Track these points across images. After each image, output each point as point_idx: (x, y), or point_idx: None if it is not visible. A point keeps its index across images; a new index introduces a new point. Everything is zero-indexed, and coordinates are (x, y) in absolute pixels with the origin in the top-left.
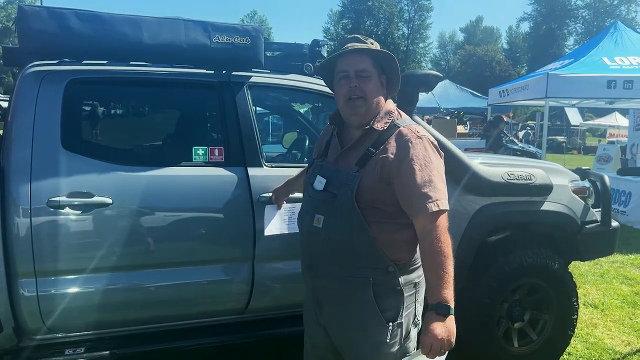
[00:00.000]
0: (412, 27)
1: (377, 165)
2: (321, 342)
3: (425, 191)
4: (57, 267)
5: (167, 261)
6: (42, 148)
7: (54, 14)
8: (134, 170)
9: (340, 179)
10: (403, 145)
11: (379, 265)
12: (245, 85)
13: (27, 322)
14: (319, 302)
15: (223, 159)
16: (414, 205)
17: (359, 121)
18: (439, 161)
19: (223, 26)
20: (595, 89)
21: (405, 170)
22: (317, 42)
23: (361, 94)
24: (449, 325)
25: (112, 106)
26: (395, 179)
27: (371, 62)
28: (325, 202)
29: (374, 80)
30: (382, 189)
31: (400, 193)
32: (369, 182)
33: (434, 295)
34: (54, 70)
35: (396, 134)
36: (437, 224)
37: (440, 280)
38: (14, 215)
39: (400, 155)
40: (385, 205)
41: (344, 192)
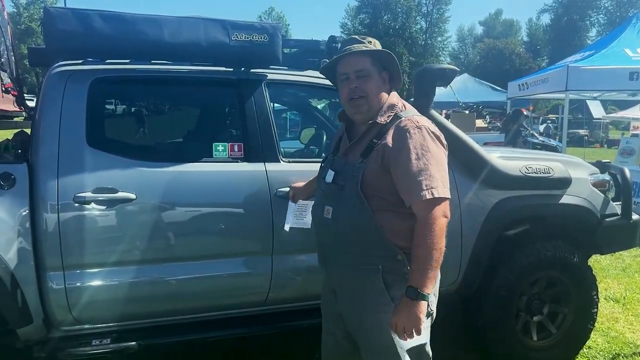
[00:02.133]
0: (430, 21)
1: (378, 155)
2: (337, 329)
3: (420, 179)
4: (83, 260)
5: (189, 255)
6: (68, 145)
7: (79, 15)
8: (156, 166)
9: (347, 171)
10: (401, 135)
11: (388, 253)
12: (264, 82)
13: (56, 314)
14: (334, 290)
15: (242, 154)
16: (409, 193)
17: (362, 118)
18: (438, 150)
19: (242, 24)
20: (617, 81)
21: (401, 158)
22: (333, 38)
23: (362, 94)
24: (414, 309)
25: (135, 104)
26: (392, 167)
27: (370, 61)
28: (333, 194)
29: (374, 78)
30: (384, 178)
31: (398, 182)
32: (371, 171)
33: (410, 279)
34: (78, 69)
35: (397, 124)
36: (430, 212)
37: (417, 266)
38: (42, 211)
39: (398, 144)
40: (388, 194)
41: (350, 182)
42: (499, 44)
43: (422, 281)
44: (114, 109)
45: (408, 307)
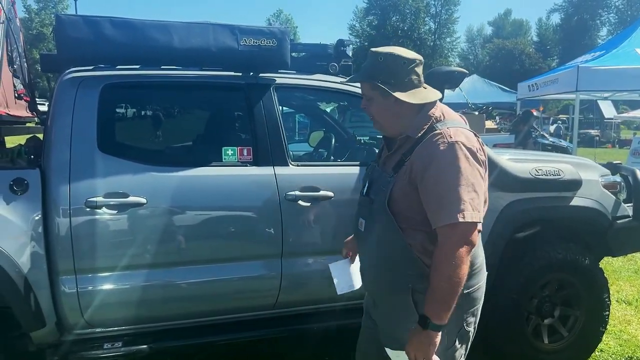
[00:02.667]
0: (439, 22)
1: (407, 171)
2: (373, 325)
3: (445, 202)
4: (95, 264)
5: (198, 258)
6: (80, 150)
7: (89, 22)
8: (166, 171)
9: (379, 184)
10: (430, 151)
11: (417, 271)
12: (272, 86)
13: (68, 318)
14: (373, 299)
15: (251, 158)
16: (433, 215)
17: (386, 134)
18: (471, 169)
19: (250, 29)
20: (628, 81)
21: (428, 176)
22: (342, 42)
23: (370, 116)
24: (424, 339)
25: (145, 109)
26: (420, 185)
27: (369, 86)
28: (366, 207)
29: (376, 102)
30: (411, 196)
31: (423, 200)
32: (400, 187)
33: (425, 306)
34: (89, 76)
35: (428, 138)
36: (448, 237)
37: (431, 295)
38: (54, 216)
39: (426, 160)
40: (416, 212)
41: (379, 197)
42: (508, 44)
43: (435, 311)
44: (124, 114)
45: (418, 335)
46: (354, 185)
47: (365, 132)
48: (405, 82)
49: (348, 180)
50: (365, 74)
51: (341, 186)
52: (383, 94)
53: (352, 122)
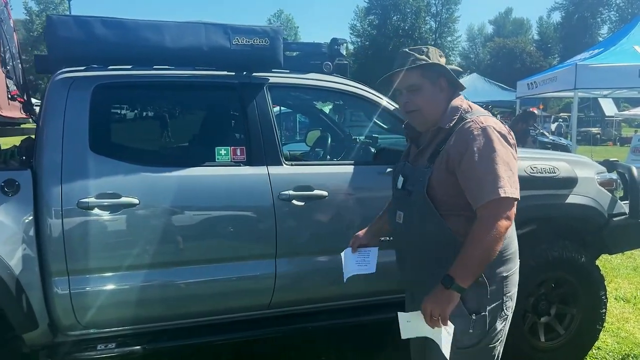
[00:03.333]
0: (439, 21)
1: (443, 159)
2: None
3: (486, 180)
4: (88, 265)
5: (192, 258)
6: (72, 151)
7: (80, 22)
8: (159, 171)
9: (415, 176)
10: (465, 137)
11: None
12: (265, 85)
13: (61, 319)
14: (412, 293)
15: (245, 158)
16: (475, 195)
17: (422, 128)
18: (505, 149)
19: (242, 28)
20: (627, 78)
21: (466, 161)
22: (335, 41)
23: (415, 108)
24: (444, 296)
25: (137, 109)
26: (457, 170)
27: (420, 73)
28: (403, 199)
29: (426, 90)
30: (450, 182)
31: (464, 185)
32: (437, 176)
33: (451, 268)
34: (81, 76)
35: (460, 126)
36: (491, 211)
37: (462, 260)
38: (46, 217)
39: (463, 146)
40: (455, 197)
41: (418, 187)
42: (509, 42)
43: (462, 274)
44: (116, 114)
45: (440, 294)
46: (347, 184)
47: (363, 131)
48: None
49: (342, 179)
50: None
51: (335, 185)
52: (432, 81)
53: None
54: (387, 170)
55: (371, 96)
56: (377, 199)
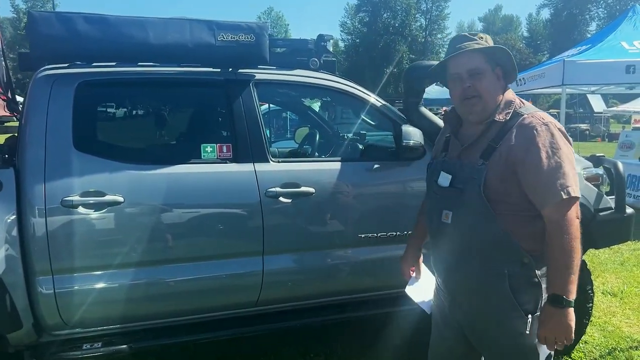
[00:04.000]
0: (429, 18)
1: (502, 156)
2: (452, 335)
3: (554, 179)
4: (72, 264)
5: (178, 257)
6: (55, 149)
7: (62, 19)
8: (144, 169)
9: (466, 173)
10: (528, 133)
11: (514, 257)
12: (251, 82)
13: (46, 318)
14: (453, 297)
15: (231, 155)
16: (541, 195)
17: (476, 118)
18: (567, 148)
19: (227, 24)
20: (614, 74)
21: (531, 159)
22: (322, 37)
23: (475, 93)
24: (563, 318)
25: (122, 106)
26: (520, 168)
27: (483, 58)
28: (452, 198)
29: (488, 76)
30: (509, 181)
31: (527, 183)
32: (495, 174)
33: (551, 286)
34: (64, 73)
35: (519, 122)
36: (564, 213)
37: (558, 273)
38: (29, 215)
39: (525, 143)
40: (514, 196)
41: (471, 186)
42: (499, 39)
43: (566, 287)
44: (100, 112)
45: (556, 316)
46: (335, 181)
47: (354, 128)
48: None
49: (329, 176)
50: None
51: (322, 182)
52: (492, 68)
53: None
54: (374, 167)
55: (359, 93)
56: (365, 195)
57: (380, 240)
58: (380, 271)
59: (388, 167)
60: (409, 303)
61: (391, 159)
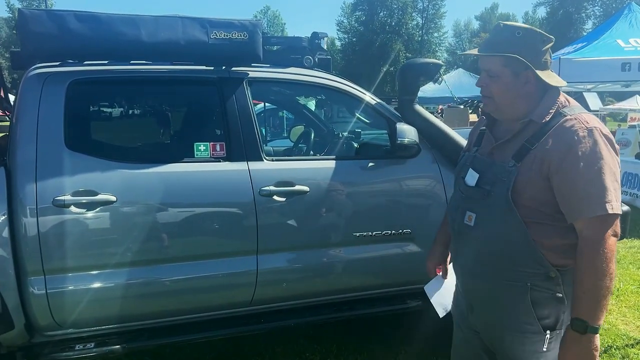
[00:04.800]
0: (426, 17)
1: (536, 160)
2: (474, 340)
3: (591, 192)
4: (64, 264)
5: (171, 256)
6: (46, 148)
7: (53, 17)
8: (136, 168)
9: (494, 174)
10: (568, 137)
11: (539, 270)
12: (245, 80)
13: (38, 319)
14: (470, 302)
15: (224, 154)
16: (575, 208)
17: (498, 116)
18: (611, 157)
19: (220, 22)
20: (610, 72)
21: (567, 165)
22: (316, 35)
23: (488, 94)
24: (585, 345)
25: (114, 105)
26: (555, 175)
27: (502, 62)
28: (477, 199)
29: (504, 80)
30: (542, 187)
31: (560, 193)
32: (526, 178)
33: (576, 310)
34: (55, 71)
35: (560, 124)
36: (599, 230)
37: (586, 295)
38: (21, 215)
39: (564, 148)
40: (545, 205)
41: (499, 188)
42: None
43: (592, 313)
44: (92, 110)
45: (578, 343)
46: (329, 179)
47: (349, 126)
48: (542, 61)
49: (324, 174)
50: (502, 47)
51: (317, 181)
52: (515, 72)
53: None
54: (369, 165)
55: (353, 91)
56: (359, 194)
57: (375, 239)
58: (375, 270)
59: (383, 165)
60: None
61: (386, 157)
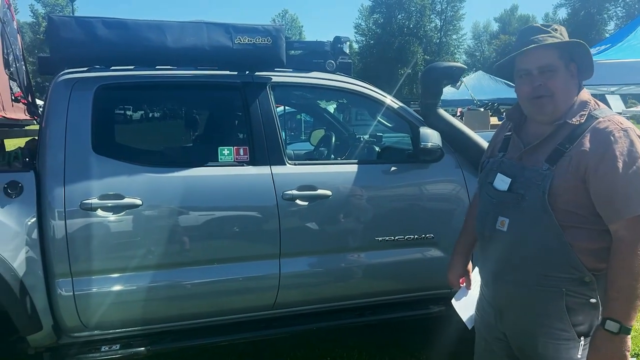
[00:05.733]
0: (444, 19)
1: (572, 163)
2: (499, 348)
3: (629, 193)
4: (91, 267)
5: (196, 259)
6: (74, 152)
7: (81, 23)
8: (162, 172)
9: (527, 178)
10: (603, 139)
11: (575, 274)
12: (268, 85)
13: (65, 321)
14: (499, 309)
15: (248, 158)
16: (612, 209)
17: (547, 119)
18: None
19: (244, 27)
20: (634, 74)
21: (605, 168)
22: (338, 39)
23: (547, 93)
24: (617, 345)
25: (140, 110)
26: (592, 177)
27: (557, 54)
28: (510, 204)
29: (561, 74)
30: (578, 190)
31: (597, 194)
32: (562, 181)
33: (609, 310)
34: (83, 77)
35: (594, 126)
36: (635, 230)
37: (620, 295)
38: (49, 218)
39: (600, 150)
40: (582, 208)
41: (534, 192)
42: (515, 40)
43: (626, 313)
44: (119, 115)
45: (610, 343)
46: (352, 183)
47: (368, 130)
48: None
49: (346, 178)
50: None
51: (339, 185)
52: (566, 65)
53: (357, 121)
54: (392, 169)
55: (375, 94)
56: (382, 198)
57: (398, 244)
58: (397, 275)
59: (405, 170)
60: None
61: (408, 161)
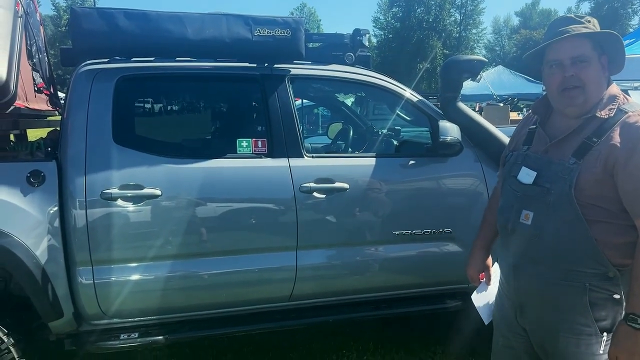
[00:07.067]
0: (464, 13)
1: (600, 157)
2: (518, 343)
3: None
4: (111, 255)
5: (214, 250)
6: (95, 143)
7: (104, 15)
8: (181, 163)
9: (553, 172)
10: (634, 134)
11: (599, 269)
12: (287, 77)
13: (85, 308)
14: (520, 304)
15: (266, 150)
16: (638, 203)
17: (576, 112)
18: None
19: (264, 19)
20: None
21: (635, 162)
22: (358, 32)
23: (578, 84)
24: (638, 340)
25: (160, 101)
26: (620, 172)
27: (590, 45)
28: (535, 197)
29: (594, 65)
30: (605, 184)
31: (625, 189)
32: (590, 175)
33: (630, 304)
34: (105, 68)
35: (624, 120)
36: None
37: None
38: (70, 207)
39: (630, 144)
40: (609, 202)
41: (560, 186)
42: (536, 34)
43: None
44: (139, 106)
45: (632, 338)
46: (369, 177)
47: (386, 123)
48: None
49: (363, 172)
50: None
51: (356, 178)
52: (599, 56)
53: (375, 115)
54: (410, 163)
55: (394, 87)
56: (400, 192)
57: (415, 238)
58: (414, 269)
59: (424, 163)
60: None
61: (427, 154)
